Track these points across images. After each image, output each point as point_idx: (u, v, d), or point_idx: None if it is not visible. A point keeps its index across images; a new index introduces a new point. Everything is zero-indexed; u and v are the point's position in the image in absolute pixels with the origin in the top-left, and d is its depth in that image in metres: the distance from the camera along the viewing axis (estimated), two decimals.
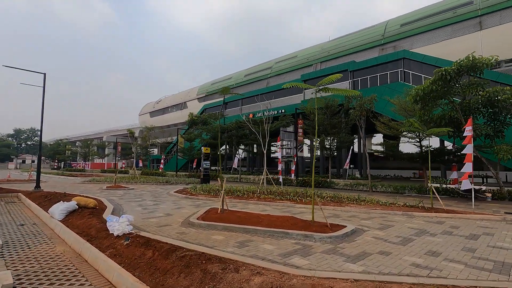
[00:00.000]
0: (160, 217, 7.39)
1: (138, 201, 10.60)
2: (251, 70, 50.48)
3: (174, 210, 8.60)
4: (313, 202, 6.20)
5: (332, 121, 17.33)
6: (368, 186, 15.57)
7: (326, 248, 4.74)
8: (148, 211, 8.36)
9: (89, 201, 7.68)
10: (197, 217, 6.96)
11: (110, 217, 5.57)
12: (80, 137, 76.22)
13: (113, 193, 13.37)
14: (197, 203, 10.18)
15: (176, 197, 11.91)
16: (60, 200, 9.27)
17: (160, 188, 16.58)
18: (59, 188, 15.16)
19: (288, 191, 12.21)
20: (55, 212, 7.06)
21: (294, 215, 7.87)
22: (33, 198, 10.71)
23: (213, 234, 5.69)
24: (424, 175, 37.13)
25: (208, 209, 8.11)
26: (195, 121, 26.82)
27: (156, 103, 72.27)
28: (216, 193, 12.29)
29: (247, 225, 6.02)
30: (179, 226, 6.36)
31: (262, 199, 10.86)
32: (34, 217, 7.98)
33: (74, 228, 6.03)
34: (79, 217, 6.80)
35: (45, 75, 12.97)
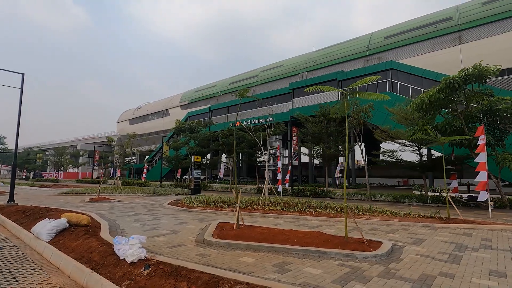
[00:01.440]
0: (167, 235, 6.50)
1: (132, 215, 9.55)
2: (236, 78, 50.10)
3: (178, 226, 7.71)
4: (346, 215, 5.63)
5: (329, 130, 17.10)
6: (367, 195, 15.33)
7: (379, 271, 4.16)
8: (149, 227, 7.42)
9: (82, 217, 6.64)
10: (212, 235, 6.17)
11: (117, 238, 4.67)
12: (53, 145, 71.65)
13: (99, 206, 12.12)
14: (199, 217, 9.31)
15: (173, 210, 10.92)
16: (42, 216, 8.09)
17: (149, 199, 15.39)
18: (34, 201, 13.60)
19: (293, 201, 11.62)
20: (42, 232, 5.98)
21: (312, 229, 7.29)
22: (7, 213, 9.34)
23: (239, 255, 4.94)
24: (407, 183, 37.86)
25: (218, 224, 7.31)
26: (182, 128, 25.74)
27: (135, 110, 69.77)
28: (216, 205, 11.46)
29: (275, 244, 5.33)
30: (195, 246, 5.54)
31: (268, 211, 10.18)
32: (13, 237, 6.79)
33: (70, 252, 5.04)
34: (73, 237, 5.78)
35: (24, 76, 11.69)
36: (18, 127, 10.81)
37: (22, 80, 11.56)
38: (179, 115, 54.66)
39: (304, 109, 22.57)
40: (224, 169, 36.05)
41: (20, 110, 10.89)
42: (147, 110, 65.78)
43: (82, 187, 25.04)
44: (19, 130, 10.81)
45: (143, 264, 3.99)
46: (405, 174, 39.82)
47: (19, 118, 10.81)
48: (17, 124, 10.74)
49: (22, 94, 11.21)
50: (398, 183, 37.69)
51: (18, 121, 10.80)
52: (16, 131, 10.80)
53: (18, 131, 10.80)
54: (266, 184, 12.23)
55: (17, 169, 59.00)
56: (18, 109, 10.83)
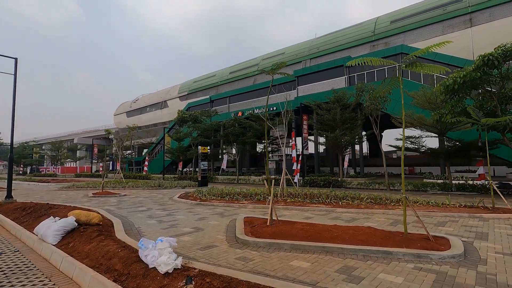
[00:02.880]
0: (191, 234, 5.68)
1: (143, 211, 8.71)
2: (236, 67, 48.71)
3: (199, 222, 6.89)
4: (405, 207, 4.82)
5: (344, 116, 16.22)
6: (385, 185, 14.61)
7: (472, 276, 3.37)
8: (167, 225, 6.59)
9: (92, 215, 5.78)
10: (244, 232, 5.36)
11: (143, 241, 3.83)
12: (49, 139, 70.23)
13: (105, 201, 11.26)
14: (218, 211, 8.50)
15: (186, 204, 10.11)
16: (45, 214, 7.23)
17: (156, 193, 14.56)
18: (34, 197, 12.72)
19: (313, 192, 10.84)
20: (47, 234, 5.13)
21: (348, 222, 6.53)
22: (5, 211, 8.46)
23: (288, 258, 4.14)
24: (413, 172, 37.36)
25: (245, 220, 6.49)
26: (185, 118, 24.71)
27: (132, 102, 68.25)
28: (232, 198, 10.65)
29: (325, 243, 4.53)
30: (230, 247, 4.72)
31: (290, 203, 9.40)
32: (13, 239, 5.94)
33: (83, 258, 4.20)
34: (84, 239, 4.93)
35: (17, 60, 10.63)
36: (13, 115, 9.83)
37: (15, 65, 10.51)
38: (177, 106, 53.36)
39: (315, 96, 21.50)
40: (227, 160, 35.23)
41: (14, 97, 9.88)
42: (144, 102, 64.31)
43: (82, 181, 24.12)
44: (14, 119, 9.83)
45: (182, 275, 3.16)
46: (410, 162, 39.37)
47: (13, 106, 9.81)
48: (12, 111, 9.75)
49: (16, 80, 10.18)
50: (404, 172, 37.14)
51: (13, 108, 9.81)
52: (12, 119, 9.82)
53: (13, 119, 9.82)
54: (283, 175, 11.42)
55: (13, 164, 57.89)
56: (13, 96, 9.82)
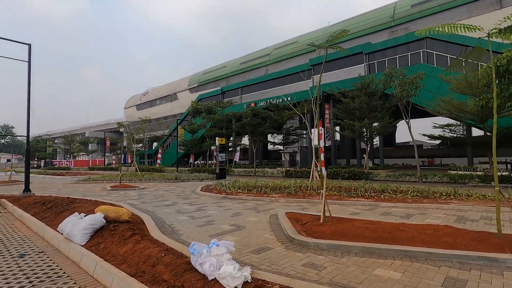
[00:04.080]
0: (233, 233, 4.99)
1: (169, 205, 8.09)
2: (247, 58, 47.56)
3: (236, 218, 6.20)
4: (498, 202, 4.00)
5: (371, 104, 15.23)
6: (417, 177, 13.69)
7: None
8: (201, 221, 5.93)
9: (121, 211, 5.14)
10: (298, 231, 4.63)
11: (195, 245, 3.13)
12: (61, 133, 70.93)
13: (125, 194, 10.72)
14: (250, 206, 7.81)
15: (212, 198, 9.46)
16: (67, 209, 6.67)
17: (175, 186, 14.00)
18: (51, 191, 12.30)
19: (344, 185, 10.02)
20: (74, 232, 4.51)
21: (402, 219, 5.75)
22: (24, 206, 7.96)
23: (365, 264, 3.40)
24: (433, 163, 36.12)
25: (290, 216, 5.76)
26: (199, 109, 24.02)
27: (142, 95, 68.00)
28: (260, 191, 9.95)
29: (406, 246, 3.76)
30: (287, 250, 4.01)
31: (326, 197, 8.61)
32: (35, 238, 5.36)
33: (120, 264, 3.55)
34: (117, 239, 4.29)
35: (30, 47, 10.02)
36: (29, 103, 9.27)
37: (29, 52, 9.92)
38: (187, 98, 52.77)
39: (338, 84, 20.39)
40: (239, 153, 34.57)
41: (29, 85, 9.29)
42: (154, 95, 63.95)
43: (97, 174, 23.86)
44: (29, 108, 9.27)
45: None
46: (429, 154, 38.01)
47: (28, 94, 9.25)
48: (28, 100, 9.19)
49: (30, 68, 9.58)
50: (423, 163, 35.89)
51: (28, 97, 9.24)
52: (27, 108, 9.26)
53: (28, 109, 9.26)
54: (313, 167, 10.63)
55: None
56: (28, 84, 9.24)
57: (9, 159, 61.46)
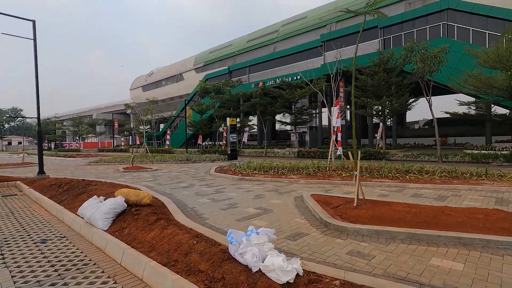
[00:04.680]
0: (261, 217, 4.72)
1: (186, 187, 7.87)
2: (254, 35, 45.93)
3: (259, 201, 5.94)
4: None
5: (390, 80, 14.48)
6: (437, 156, 13.22)
7: None
8: (224, 204, 5.68)
9: (142, 194, 4.90)
10: (330, 215, 4.33)
11: (232, 233, 2.85)
12: (69, 115, 71.28)
13: (139, 176, 10.57)
14: (270, 187, 7.54)
15: (228, 179, 9.23)
16: (84, 191, 6.49)
17: (187, 167, 13.83)
18: (64, 172, 12.27)
19: (373, 166, 9.60)
20: (96, 217, 4.29)
21: (436, 200, 5.40)
22: (40, 188, 7.84)
23: (417, 252, 3.09)
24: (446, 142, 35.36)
25: (318, 198, 5.45)
26: (207, 89, 23.45)
27: (148, 76, 67.14)
28: (277, 172, 9.67)
29: (459, 232, 3.43)
30: (324, 236, 3.72)
31: (347, 178, 8.31)
32: (55, 221, 5.19)
33: (149, 251, 3.31)
34: (141, 224, 4.06)
35: (35, 23, 9.53)
36: (37, 82, 8.94)
37: (34, 29, 9.44)
38: (194, 79, 51.88)
39: (351, 61, 19.39)
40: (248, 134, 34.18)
41: (36, 63, 8.91)
42: (159, 75, 63.03)
43: (107, 156, 23.91)
44: (38, 87, 8.95)
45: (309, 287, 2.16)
46: (442, 132, 37.04)
47: (36, 73, 8.89)
48: (36, 79, 8.85)
49: (36, 45, 9.15)
50: (435, 143, 35.13)
51: (36, 75, 8.89)
52: (36, 87, 8.94)
53: (37, 88, 8.94)
54: (331, 147, 10.23)
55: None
56: (34, 63, 8.86)
57: (20, 142, 62.39)
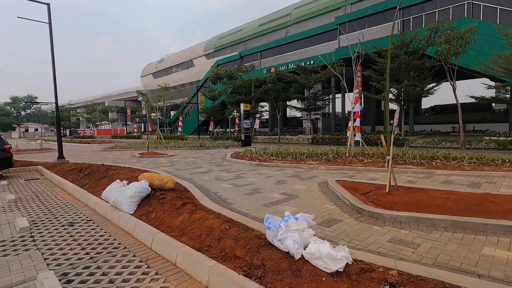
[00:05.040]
0: (287, 202, 4.58)
1: (205, 172, 7.80)
2: (265, 19, 44.75)
3: (282, 186, 5.79)
4: None
5: (411, 63, 13.81)
6: (459, 143, 12.72)
7: None
8: (247, 189, 5.56)
9: (165, 178, 4.81)
10: (362, 201, 4.14)
11: (270, 218, 2.70)
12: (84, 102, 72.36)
13: (156, 161, 10.58)
14: (290, 173, 7.38)
15: (245, 165, 9.10)
16: (105, 175, 6.48)
17: (202, 153, 13.80)
18: (82, 158, 12.42)
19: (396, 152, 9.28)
20: (121, 200, 4.23)
21: (472, 188, 5.12)
22: (61, 173, 7.92)
23: (465, 241, 2.89)
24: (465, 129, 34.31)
25: (344, 184, 5.26)
26: (219, 75, 23.12)
27: (158, 62, 66.95)
28: (295, 157, 9.48)
29: (506, 220, 3.19)
30: (359, 222, 3.55)
31: (369, 164, 8.06)
32: (79, 204, 5.20)
33: (179, 235, 3.22)
34: (167, 208, 3.97)
35: (49, 6, 9.39)
36: (53, 64, 8.89)
37: (48, 12, 9.32)
38: (204, 65, 51.40)
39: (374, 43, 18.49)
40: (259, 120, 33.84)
41: (52, 47, 8.83)
42: (170, 62, 62.73)
43: (121, 142, 24.21)
44: (55, 70, 8.90)
45: (367, 277, 2.00)
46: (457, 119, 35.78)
47: (52, 55, 8.83)
48: (52, 61, 8.79)
49: (52, 29, 9.04)
50: (453, 129, 34.03)
51: (52, 57, 8.84)
52: (52, 71, 8.90)
53: (54, 72, 8.90)
54: (351, 133, 9.93)
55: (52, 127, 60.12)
56: (50, 46, 8.78)
57: (36, 128, 64.02)
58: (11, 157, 8.09)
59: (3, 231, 3.84)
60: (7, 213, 4.68)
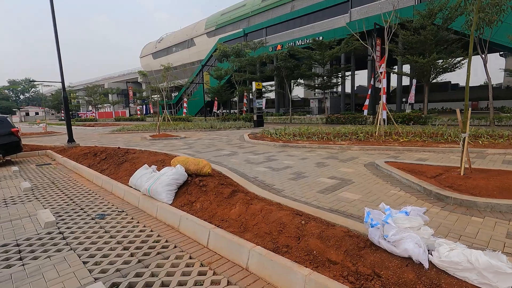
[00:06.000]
0: (346, 188, 4.00)
1: (230, 155, 7.21)
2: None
3: (327, 170, 5.20)
4: None
5: (439, 35, 12.82)
6: (488, 120, 12.03)
7: None
8: (288, 174, 4.98)
9: (202, 163, 4.21)
10: (437, 186, 3.56)
11: (371, 213, 2.13)
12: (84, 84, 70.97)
13: (170, 144, 9.99)
14: (323, 154, 6.79)
15: (269, 146, 8.51)
16: (126, 160, 5.90)
17: (215, 134, 13.18)
18: (91, 141, 11.85)
19: (430, 130, 8.64)
20: (158, 189, 3.65)
21: None
22: (74, 157, 7.35)
23: None
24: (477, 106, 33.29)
25: (400, 166, 4.67)
26: (226, 52, 22.01)
27: (157, 42, 64.85)
28: (321, 137, 8.86)
29: None
30: (446, 211, 2.98)
31: (406, 143, 7.44)
32: (102, 192, 4.64)
33: (241, 231, 2.67)
34: (213, 197, 3.40)
35: None
36: (57, 43, 8.07)
37: None
38: (205, 44, 49.68)
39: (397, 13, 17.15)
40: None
41: (54, 18, 7.97)
42: (169, 41, 60.66)
43: (126, 125, 23.54)
44: (59, 48, 8.11)
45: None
46: (472, 96, 34.70)
47: (55, 31, 7.99)
48: (56, 41, 7.98)
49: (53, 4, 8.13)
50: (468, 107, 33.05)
51: (55, 36, 8.01)
52: (57, 50, 8.11)
53: (58, 50, 8.11)
54: (380, 110, 9.22)
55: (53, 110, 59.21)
56: (53, 24, 7.92)
57: (37, 112, 63.14)
58: (20, 141, 7.49)
59: (25, 226, 3.30)
60: (26, 204, 4.13)
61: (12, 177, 5.90)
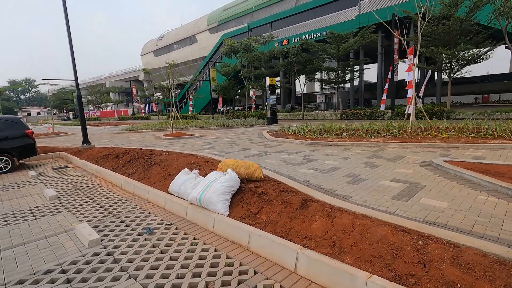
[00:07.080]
0: (422, 194, 3.53)
1: (260, 154, 6.72)
2: None
3: (380, 171, 4.73)
4: None
5: (465, 25, 12.23)
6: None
7: None
8: (342, 177, 4.50)
9: (252, 167, 3.74)
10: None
11: None
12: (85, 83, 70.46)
13: (189, 144, 9.51)
14: (363, 152, 6.32)
15: (297, 144, 8.02)
16: (154, 163, 5.41)
17: (231, 133, 12.70)
18: (102, 141, 11.40)
19: (468, 125, 8.16)
20: (213, 199, 3.17)
21: None
22: (93, 159, 6.88)
23: None
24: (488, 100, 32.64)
25: (465, 165, 4.19)
26: (234, 48, 21.43)
27: (158, 40, 64.09)
28: (351, 134, 8.37)
29: None
30: None
31: (447, 140, 6.96)
32: (137, 200, 4.17)
33: (337, 253, 2.18)
34: (280, 208, 2.92)
35: None
36: (70, 37, 7.56)
37: None
38: (208, 40, 49.03)
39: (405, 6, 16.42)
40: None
41: (66, 14, 7.45)
42: (171, 38, 59.92)
43: (134, 124, 23.06)
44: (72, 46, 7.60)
45: None
46: (483, 89, 34.06)
47: (68, 25, 7.47)
48: (68, 37, 7.46)
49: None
50: (476, 100, 32.54)
51: (68, 31, 7.49)
52: (69, 45, 7.60)
53: (71, 44, 7.60)
54: (413, 104, 8.71)
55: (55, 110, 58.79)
56: (65, 18, 7.40)
57: (39, 112, 62.68)
58: (35, 143, 7.02)
59: (65, 245, 2.83)
60: (56, 216, 3.67)
61: (31, 183, 5.44)
